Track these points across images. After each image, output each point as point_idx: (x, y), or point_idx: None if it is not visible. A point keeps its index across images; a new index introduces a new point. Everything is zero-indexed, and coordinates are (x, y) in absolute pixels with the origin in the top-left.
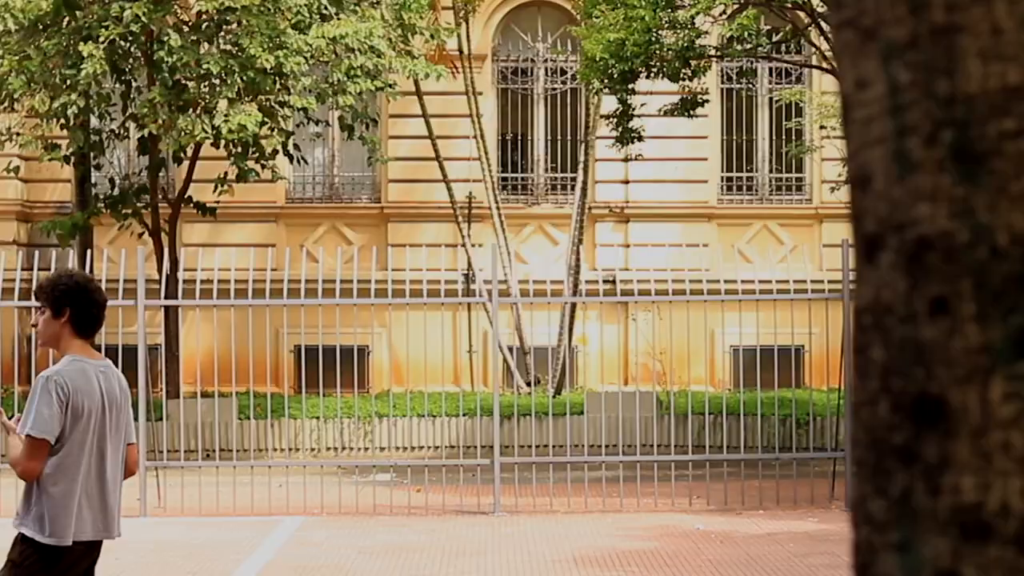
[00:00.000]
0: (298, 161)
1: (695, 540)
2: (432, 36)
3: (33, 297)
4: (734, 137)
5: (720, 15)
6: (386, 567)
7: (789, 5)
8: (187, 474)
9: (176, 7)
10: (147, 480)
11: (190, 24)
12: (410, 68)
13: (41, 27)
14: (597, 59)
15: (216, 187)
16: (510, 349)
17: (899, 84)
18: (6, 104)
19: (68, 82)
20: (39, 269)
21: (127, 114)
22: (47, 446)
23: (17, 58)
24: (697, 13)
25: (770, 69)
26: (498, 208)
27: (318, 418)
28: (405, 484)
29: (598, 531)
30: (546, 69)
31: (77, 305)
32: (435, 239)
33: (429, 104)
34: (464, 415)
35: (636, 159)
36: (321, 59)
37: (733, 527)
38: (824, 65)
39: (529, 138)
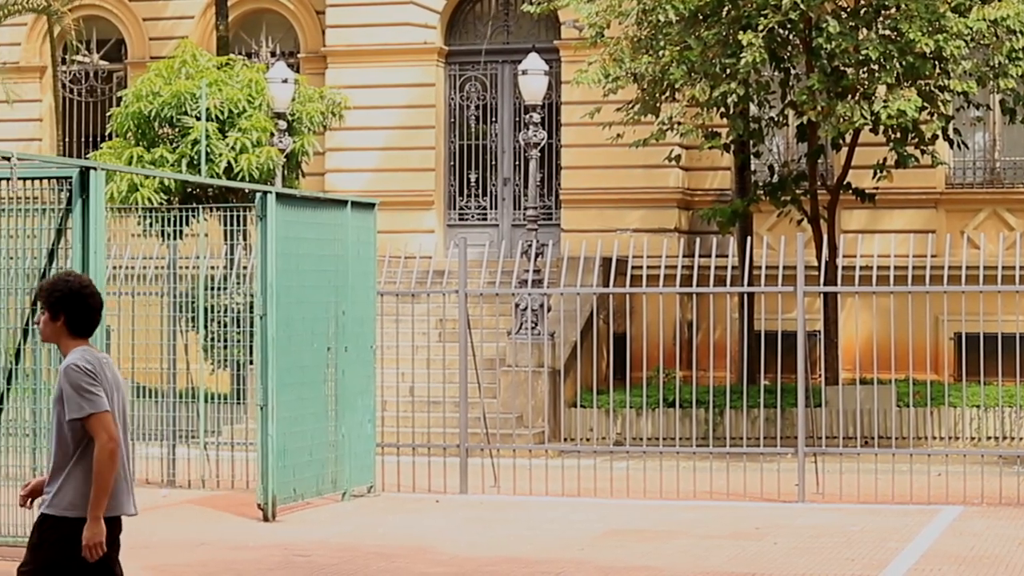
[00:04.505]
0: (958, 146)
1: None
2: None
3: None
4: None
5: None
6: None
7: None
8: (845, 460)
9: None
10: (805, 466)
11: (848, 10)
12: None
13: (701, 17)
14: None
15: (875, 173)
16: None
17: None
18: (668, 94)
19: (728, 71)
20: (700, 256)
21: (786, 101)
22: (110, 416)
23: (678, 48)
24: None
25: None
26: None
27: (978, 407)
28: None
29: None
30: None
31: (71, 310)
32: None
33: None
34: None
35: None
36: (982, 42)
37: None
38: None
39: None
